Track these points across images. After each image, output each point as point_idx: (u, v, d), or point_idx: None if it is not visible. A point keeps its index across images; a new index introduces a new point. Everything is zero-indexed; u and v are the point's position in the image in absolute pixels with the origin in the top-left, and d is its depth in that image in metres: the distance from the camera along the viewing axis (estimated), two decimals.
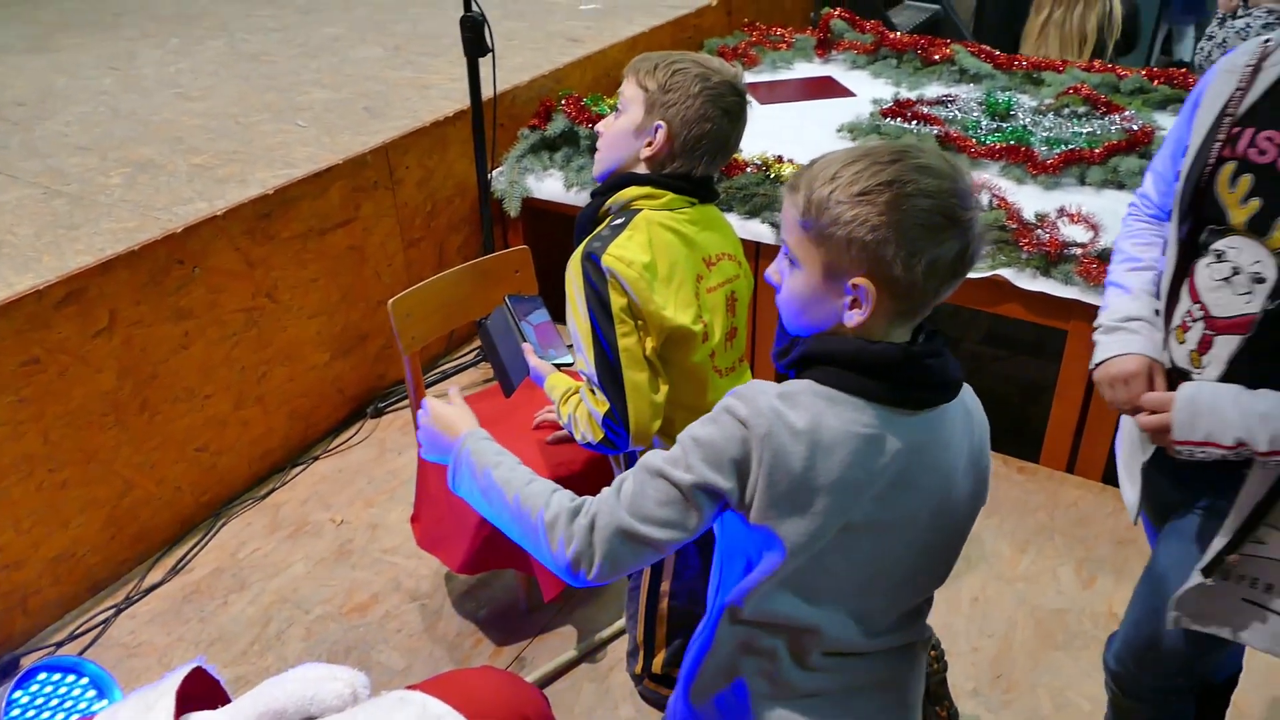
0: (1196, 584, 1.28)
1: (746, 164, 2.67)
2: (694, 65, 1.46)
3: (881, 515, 1.02)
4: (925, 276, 0.95)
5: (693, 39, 3.71)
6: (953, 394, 1.05)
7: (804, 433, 0.96)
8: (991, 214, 2.42)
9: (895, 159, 0.96)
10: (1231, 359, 1.20)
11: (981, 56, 3.40)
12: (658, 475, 1.01)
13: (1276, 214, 1.13)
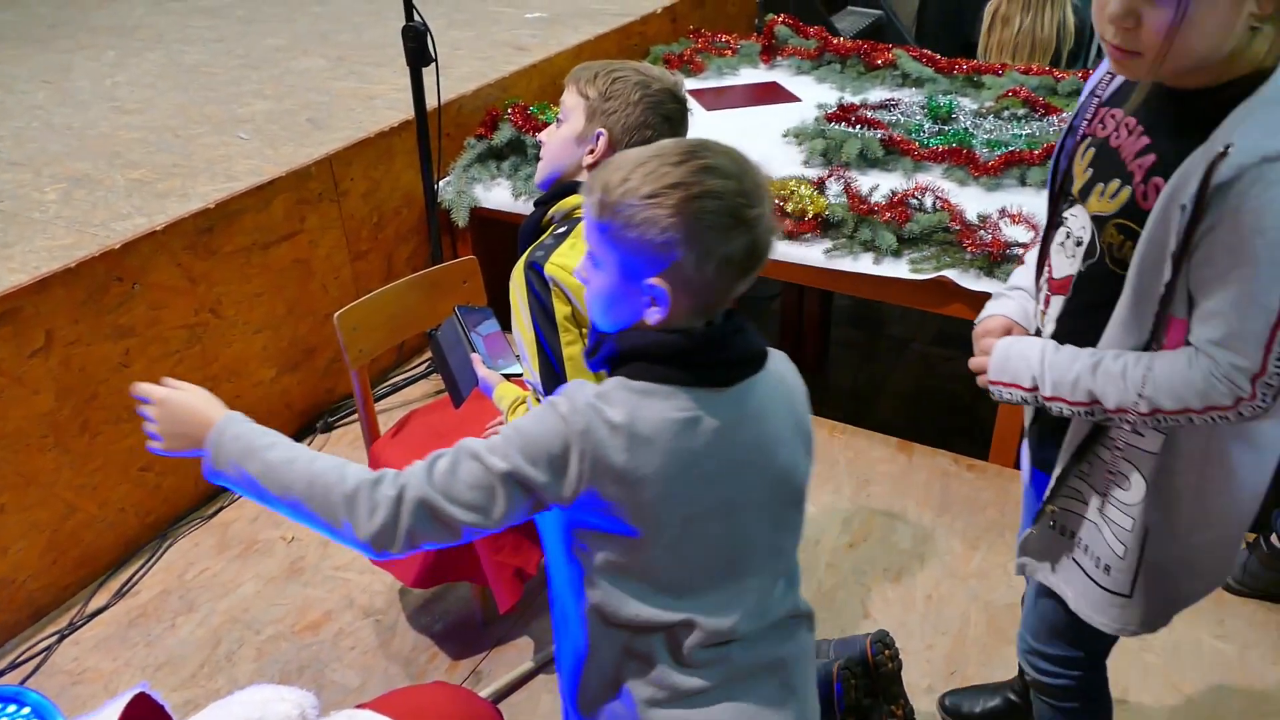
0: (1029, 533, 1.39)
1: None
2: (634, 73, 1.47)
3: (720, 496, 1.05)
4: (717, 275, 1.00)
5: (638, 46, 3.72)
6: (760, 365, 1.08)
7: (621, 426, 0.99)
8: (935, 216, 2.45)
9: (683, 160, 0.98)
10: (1059, 317, 1.29)
11: (923, 61, 3.45)
12: (473, 458, 1.02)
13: (1098, 182, 1.21)
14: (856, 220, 2.49)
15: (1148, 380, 1.15)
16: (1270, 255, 1.04)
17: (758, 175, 1.03)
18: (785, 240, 2.52)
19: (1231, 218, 1.04)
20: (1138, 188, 1.14)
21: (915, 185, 2.56)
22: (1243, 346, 1.09)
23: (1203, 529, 1.26)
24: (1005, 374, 1.28)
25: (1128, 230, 1.15)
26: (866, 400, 3.25)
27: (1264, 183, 1.02)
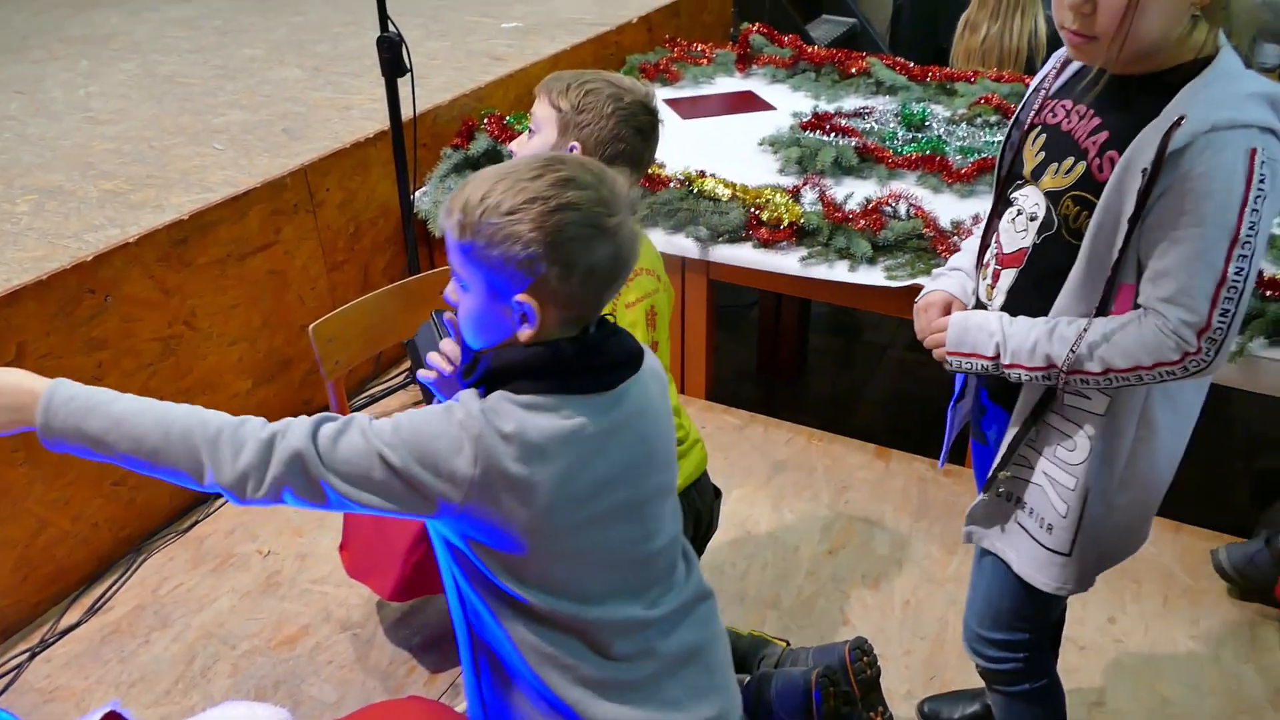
0: (980, 500, 1.45)
1: (669, 179, 2.69)
2: (606, 85, 1.48)
3: (620, 498, 1.08)
4: (584, 286, 1.01)
5: (614, 56, 3.73)
6: (638, 365, 1.11)
7: (513, 435, 1.01)
8: (909, 223, 2.47)
9: (539, 174, 1.00)
10: (1010, 289, 1.36)
11: (897, 69, 3.48)
12: (363, 435, 1.02)
13: (1051, 162, 1.30)
14: (832, 228, 2.51)
15: (1101, 340, 1.23)
16: (1217, 217, 1.13)
17: (615, 184, 1.04)
18: (761, 249, 2.53)
19: (1182, 182, 1.13)
20: (1093, 162, 1.23)
21: (889, 193, 2.58)
22: (1190, 302, 1.17)
23: (1129, 489, 1.35)
24: (965, 345, 1.34)
25: (1083, 201, 1.24)
26: (845, 406, 3.27)
27: (1213, 149, 1.12)
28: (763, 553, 2.31)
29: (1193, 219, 1.14)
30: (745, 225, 2.55)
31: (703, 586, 1.23)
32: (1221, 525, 2.35)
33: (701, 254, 2.60)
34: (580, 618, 1.09)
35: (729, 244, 2.57)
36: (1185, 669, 2.00)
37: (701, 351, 2.78)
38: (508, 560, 1.06)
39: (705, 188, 2.64)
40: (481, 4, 4.24)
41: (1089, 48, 1.19)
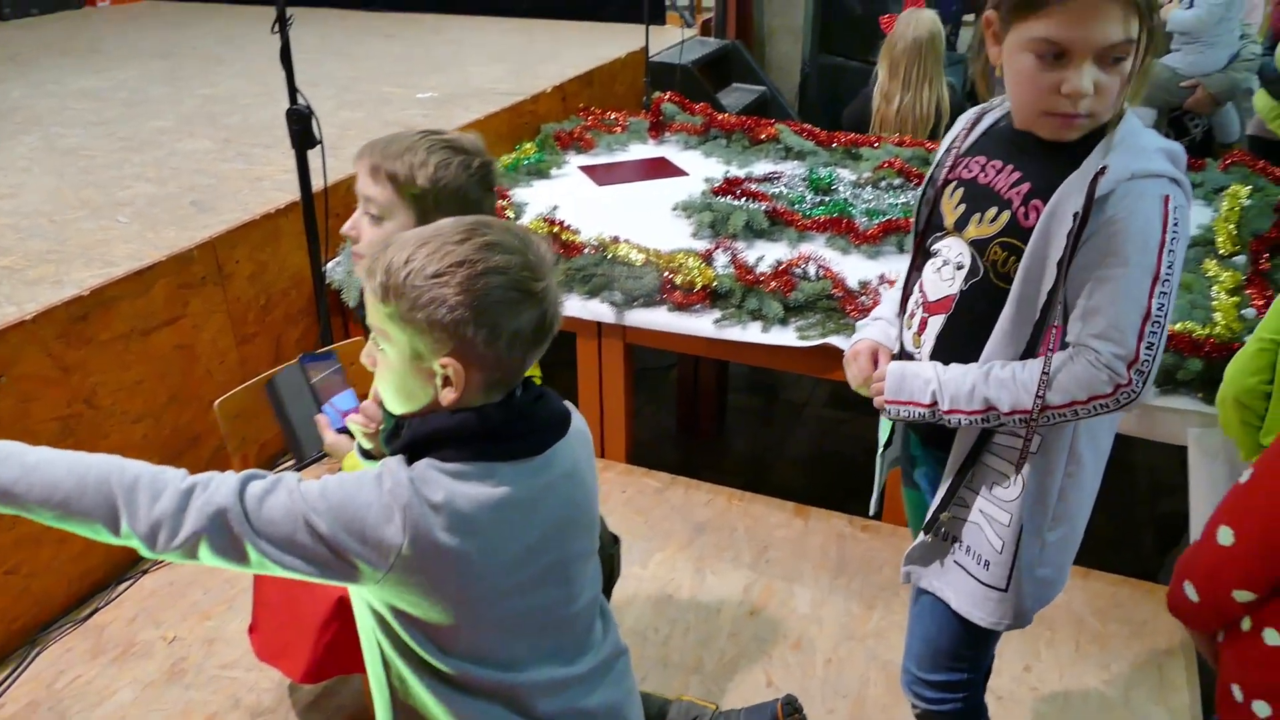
0: (920, 542, 1.50)
1: (584, 245, 2.72)
2: (450, 152, 1.42)
3: (547, 562, 1.08)
4: (509, 349, 1.01)
5: (529, 124, 3.78)
6: (565, 428, 1.11)
7: (442, 505, 0.99)
8: (819, 284, 2.53)
9: (464, 238, 1.00)
10: (938, 335, 1.42)
11: (804, 135, 3.59)
12: (290, 495, 1.00)
13: (972, 214, 1.38)
14: (744, 290, 2.55)
15: (1037, 380, 1.29)
16: (1140, 257, 1.24)
17: (540, 248, 1.05)
18: (676, 312, 2.57)
19: (1108, 226, 1.23)
20: (1018, 210, 1.33)
21: (799, 255, 2.65)
22: (1120, 336, 1.25)
23: (1059, 524, 1.42)
24: (903, 393, 1.40)
25: (1011, 247, 1.32)
26: (765, 465, 3.30)
27: (1133, 195, 1.23)
28: (685, 616, 2.30)
29: (1118, 259, 1.24)
30: (659, 289, 2.59)
31: (619, 643, 1.23)
32: (1129, 570, 2.42)
33: (617, 318, 2.62)
34: (506, 683, 1.08)
35: (644, 308, 2.60)
36: (1099, 713, 2.03)
37: (621, 415, 2.79)
38: (433, 630, 1.04)
39: (619, 253, 2.67)
40: (396, 75, 4.27)
41: (1077, 125, 1.27)
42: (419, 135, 1.43)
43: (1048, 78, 1.25)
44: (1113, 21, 1.20)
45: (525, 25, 5.13)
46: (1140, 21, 1.21)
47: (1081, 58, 1.22)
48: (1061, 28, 1.22)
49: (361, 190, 1.45)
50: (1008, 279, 1.33)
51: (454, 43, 4.83)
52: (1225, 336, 2.19)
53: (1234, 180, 3.05)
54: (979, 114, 1.47)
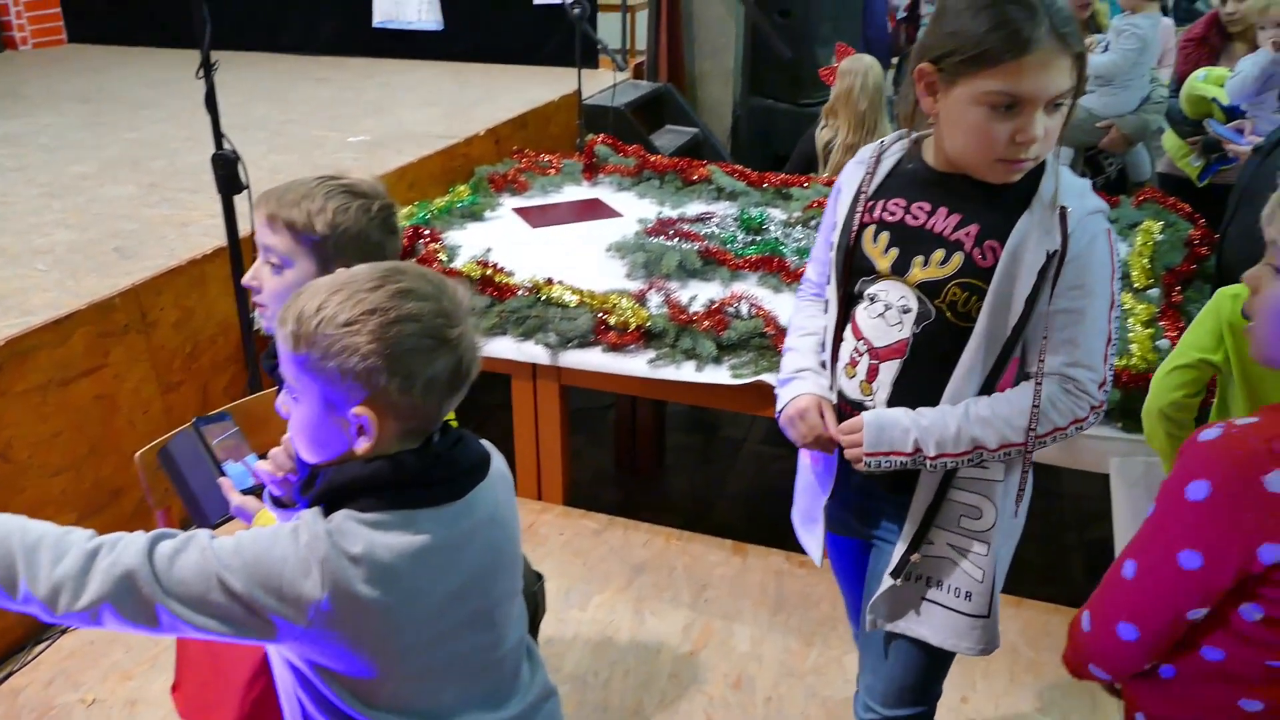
0: (888, 587, 1.50)
1: (518, 287, 2.72)
2: (349, 197, 1.41)
3: (472, 608, 1.07)
4: (424, 397, 1.01)
5: (463, 167, 3.78)
6: (485, 472, 1.10)
7: (361, 557, 0.98)
8: (751, 322, 2.56)
9: (377, 285, 1.00)
10: (895, 381, 1.45)
11: (736, 175, 3.65)
12: (202, 553, 0.97)
13: (911, 257, 1.41)
14: (678, 330, 2.57)
15: (1026, 413, 1.37)
16: (1100, 287, 1.35)
17: (456, 294, 1.05)
18: (610, 352, 2.57)
19: (1075, 261, 1.32)
20: (973, 252, 1.37)
21: (731, 294, 2.68)
22: (1092, 362, 1.37)
23: (1009, 543, 1.51)
24: (882, 444, 1.41)
25: (971, 287, 1.37)
26: (705, 503, 3.30)
27: (1090, 232, 1.34)
28: (625, 659, 2.28)
29: (1085, 292, 1.34)
30: (594, 330, 2.59)
31: (548, 684, 1.22)
32: (1059, 598, 2.47)
33: (552, 360, 2.62)
34: None
35: (579, 349, 2.60)
36: None
37: (557, 456, 2.77)
38: (356, 684, 1.02)
39: (553, 295, 2.68)
40: (328, 119, 4.25)
41: (1020, 169, 1.34)
42: (316, 181, 1.42)
43: (1002, 128, 1.29)
44: (1061, 73, 1.27)
45: (458, 69, 5.15)
46: (1079, 71, 1.29)
47: (1034, 108, 1.28)
48: (1016, 82, 1.27)
49: (260, 240, 1.43)
50: (968, 318, 1.38)
51: (386, 86, 4.83)
52: (1141, 367, 2.26)
53: (1146, 216, 3.17)
54: (875, 156, 1.50)
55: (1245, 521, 1.00)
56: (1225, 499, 1.00)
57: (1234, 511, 1.00)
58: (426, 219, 3.24)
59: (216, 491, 1.45)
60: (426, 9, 5.39)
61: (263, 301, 1.46)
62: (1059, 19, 1.26)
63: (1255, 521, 0.99)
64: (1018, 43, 1.25)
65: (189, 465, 1.52)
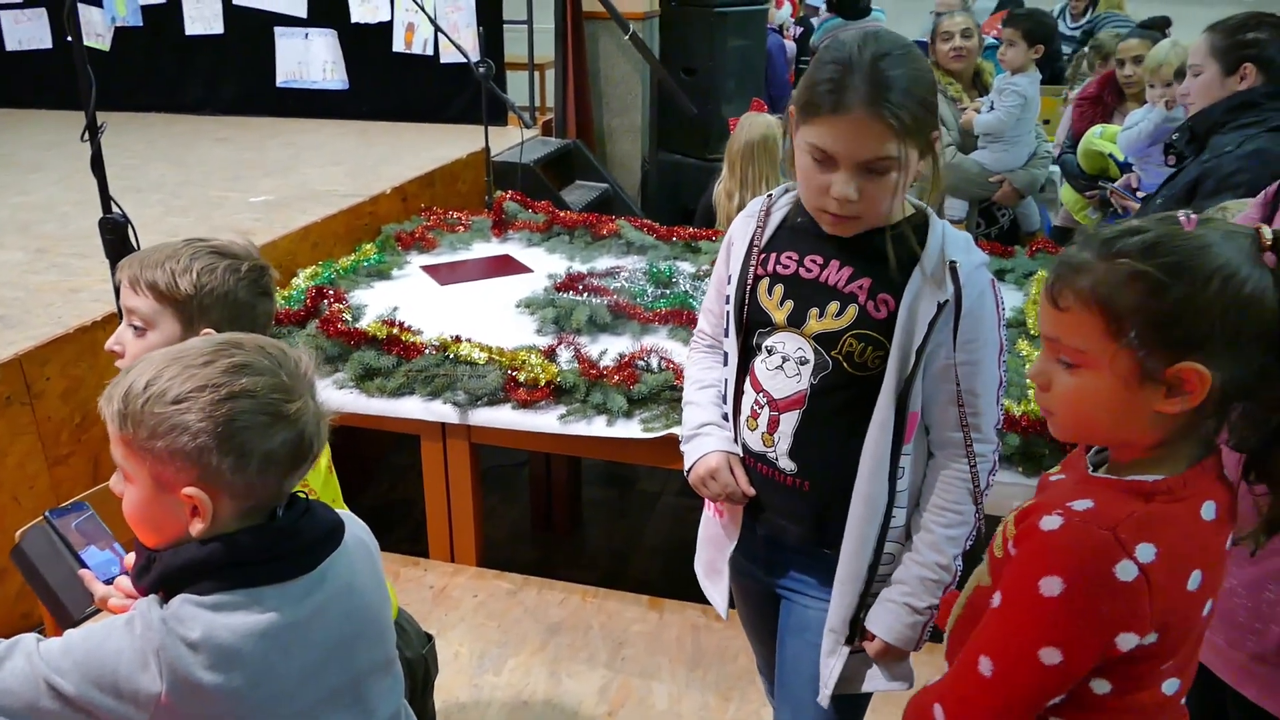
0: (850, 655, 1.51)
1: (425, 345, 2.68)
2: (216, 257, 1.41)
3: (335, 682, 1.03)
4: (260, 474, 0.97)
5: (369, 226, 3.74)
6: (339, 538, 1.07)
7: (201, 643, 0.93)
8: (661, 375, 2.57)
9: (210, 360, 0.97)
10: (795, 432, 1.47)
11: (644, 229, 3.68)
12: (28, 659, 0.93)
13: (806, 309, 1.45)
14: (588, 385, 2.56)
15: (968, 505, 1.44)
16: (990, 335, 1.40)
17: (297, 366, 1.02)
18: (521, 409, 2.55)
19: (969, 315, 1.37)
20: (866, 305, 1.41)
21: (641, 348, 2.69)
22: (989, 409, 1.43)
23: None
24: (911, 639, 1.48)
25: (867, 338, 1.41)
26: (622, 558, 3.28)
27: (978, 284, 1.38)
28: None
29: (979, 344, 1.40)
30: (503, 387, 2.57)
31: None
32: None
33: (461, 418, 2.58)
34: None
35: (488, 407, 2.57)
36: None
37: (469, 517, 2.72)
38: None
39: (461, 352, 2.65)
40: (228, 179, 4.17)
41: (849, 224, 1.40)
42: (183, 243, 1.41)
43: (819, 179, 1.35)
44: (871, 140, 1.30)
45: (364, 128, 5.12)
46: (902, 142, 1.30)
47: (845, 167, 1.32)
48: (827, 138, 1.32)
49: (124, 303, 1.41)
50: (864, 368, 1.41)
51: (290, 146, 4.76)
52: (1038, 413, 2.33)
53: (1040, 266, 3.29)
54: (764, 209, 1.53)
55: (1101, 614, 0.98)
56: (1080, 594, 0.98)
57: (1089, 605, 0.98)
58: (331, 279, 3.18)
59: (78, 585, 1.36)
60: (331, 68, 5.38)
61: (125, 366, 1.42)
62: (879, 89, 1.27)
63: (1111, 612, 0.98)
64: (831, 101, 1.30)
65: (44, 562, 1.42)
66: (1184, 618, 1.03)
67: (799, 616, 1.57)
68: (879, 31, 1.35)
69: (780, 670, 1.64)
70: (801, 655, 1.56)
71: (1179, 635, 1.03)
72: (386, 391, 2.60)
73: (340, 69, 5.37)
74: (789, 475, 1.50)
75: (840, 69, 1.30)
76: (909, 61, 1.32)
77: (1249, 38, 2.37)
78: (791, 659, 1.60)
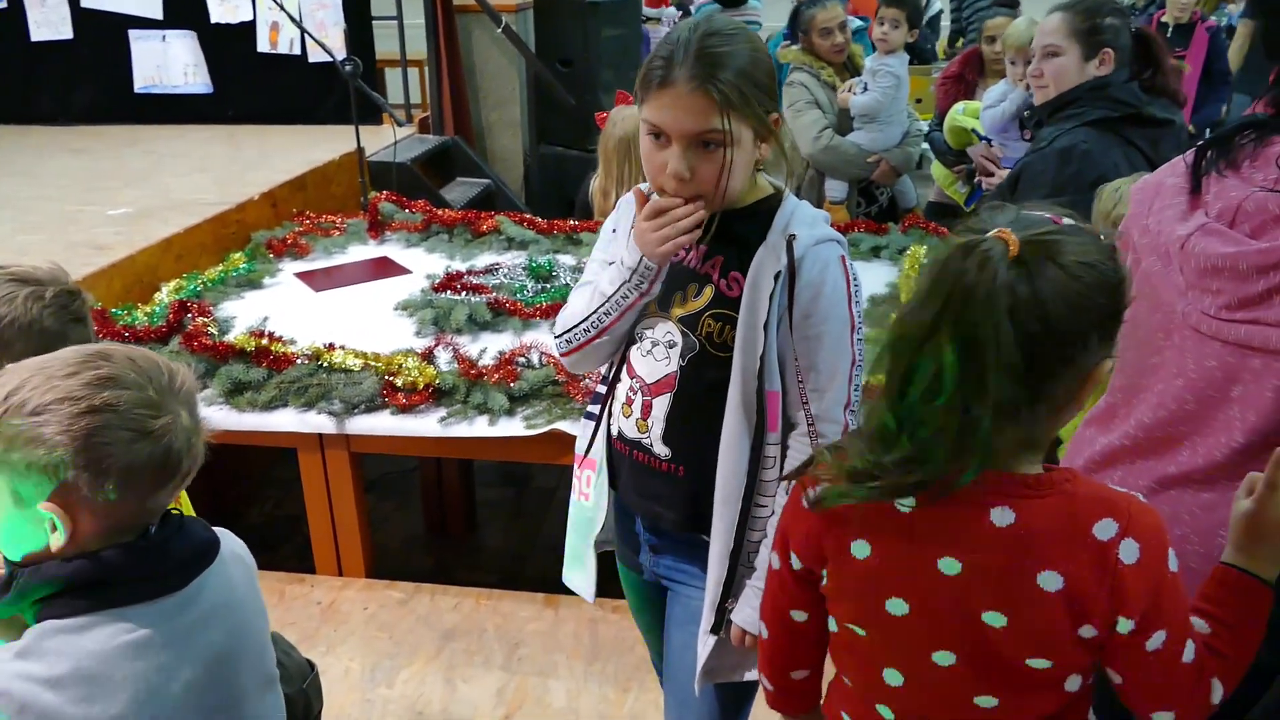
0: (714, 645, 1.50)
1: (297, 356, 2.60)
2: (15, 285, 1.34)
3: (214, 701, 1.01)
4: (122, 492, 0.94)
5: (237, 234, 3.60)
6: (213, 555, 1.06)
7: (65, 677, 0.90)
8: (542, 371, 2.54)
9: (75, 371, 0.94)
10: (667, 415, 1.48)
11: (524, 224, 3.64)
12: None
13: (672, 293, 1.47)
14: (468, 385, 2.52)
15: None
16: (838, 311, 1.39)
17: (168, 380, 0.99)
18: (400, 414, 2.49)
19: (807, 289, 1.38)
20: (719, 283, 1.43)
21: (522, 344, 2.66)
22: (836, 386, 1.40)
23: None
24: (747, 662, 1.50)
25: (723, 316, 1.42)
26: (520, 558, 3.25)
27: (821, 259, 1.39)
28: None
29: (821, 318, 1.39)
30: (380, 393, 2.51)
31: None
32: None
33: (338, 428, 2.51)
34: None
35: (366, 414, 2.51)
36: None
37: (355, 529, 2.65)
38: None
39: (335, 360, 2.57)
40: (84, 191, 3.97)
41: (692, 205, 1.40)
42: None
43: (658, 157, 1.37)
44: (697, 113, 1.31)
45: (230, 132, 4.93)
46: (727, 116, 1.31)
47: (677, 143, 1.33)
48: (658, 113, 1.34)
49: None
50: (725, 348, 1.41)
51: (151, 154, 4.55)
52: None
53: (912, 241, 3.38)
54: (642, 196, 1.52)
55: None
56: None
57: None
58: (197, 291, 3.06)
59: None
60: (193, 71, 5.17)
61: None
62: (703, 64, 1.29)
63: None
64: (658, 77, 1.33)
65: None
66: None
67: (683, 607, 1.57)
68: (715, 16, 1.37)
69: (667, 662, 1.64)
70: (686, 646, 1.56)
71: None
72: (258, 405, 2.51)
73: (203, 71, 5.16)
74: (664, 461, 1.50)
75: (671, 47, 1.33)
76: (740, 42, 1.34)
77: (1107, 23, 2.36)
78: (677, 650, 1.60)
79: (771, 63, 1.40)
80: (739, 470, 1.43)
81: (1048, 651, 1.08)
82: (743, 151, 1.35)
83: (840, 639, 1.20)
